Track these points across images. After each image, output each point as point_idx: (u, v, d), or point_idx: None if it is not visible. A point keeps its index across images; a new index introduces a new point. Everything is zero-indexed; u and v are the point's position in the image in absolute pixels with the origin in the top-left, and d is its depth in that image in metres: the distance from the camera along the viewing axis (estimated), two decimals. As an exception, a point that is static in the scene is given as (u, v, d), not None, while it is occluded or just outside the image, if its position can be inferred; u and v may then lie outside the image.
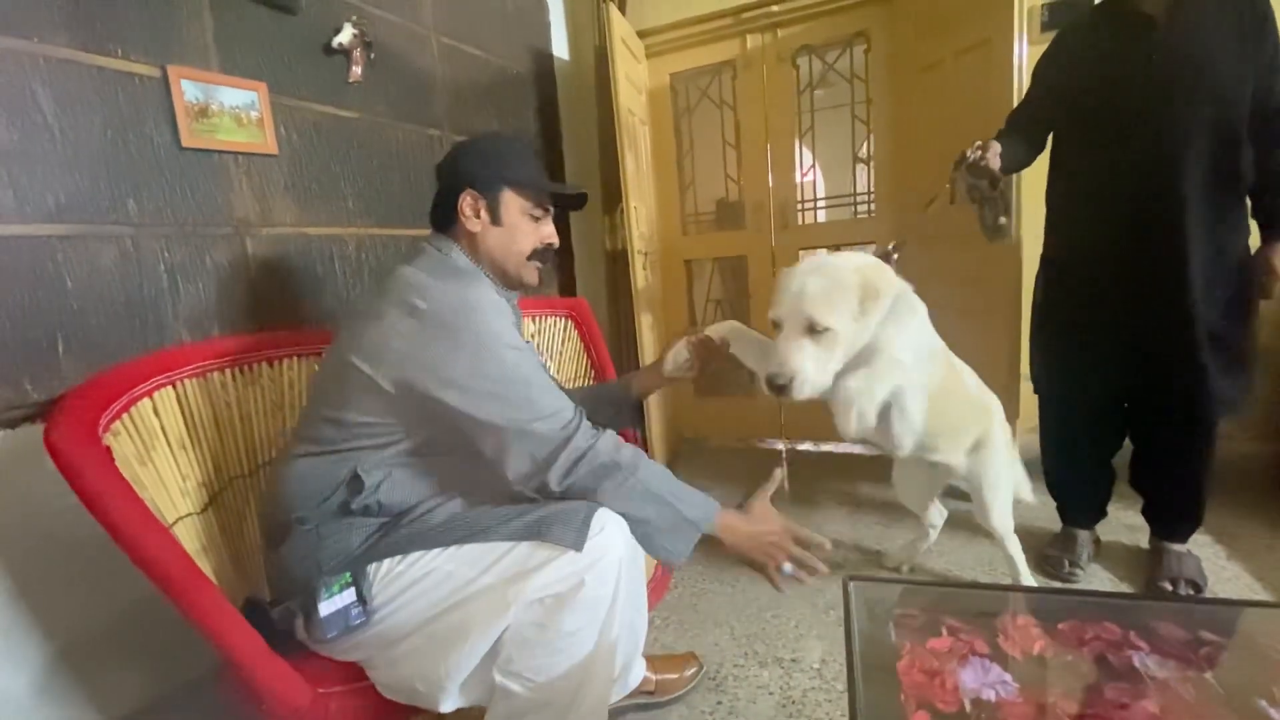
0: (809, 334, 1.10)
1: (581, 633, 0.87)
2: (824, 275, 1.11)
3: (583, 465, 0.93)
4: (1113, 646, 0.61)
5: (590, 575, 0.86)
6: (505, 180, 1.09)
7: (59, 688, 1.19)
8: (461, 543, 0.91)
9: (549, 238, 1.15)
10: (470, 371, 0.93)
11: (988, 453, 1.43)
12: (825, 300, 1.09)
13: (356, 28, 1.73)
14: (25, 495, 1.13)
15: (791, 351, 1.10)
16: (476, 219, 1.09)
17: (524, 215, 1.11)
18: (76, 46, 1.22)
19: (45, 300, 1.18)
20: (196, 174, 1.41)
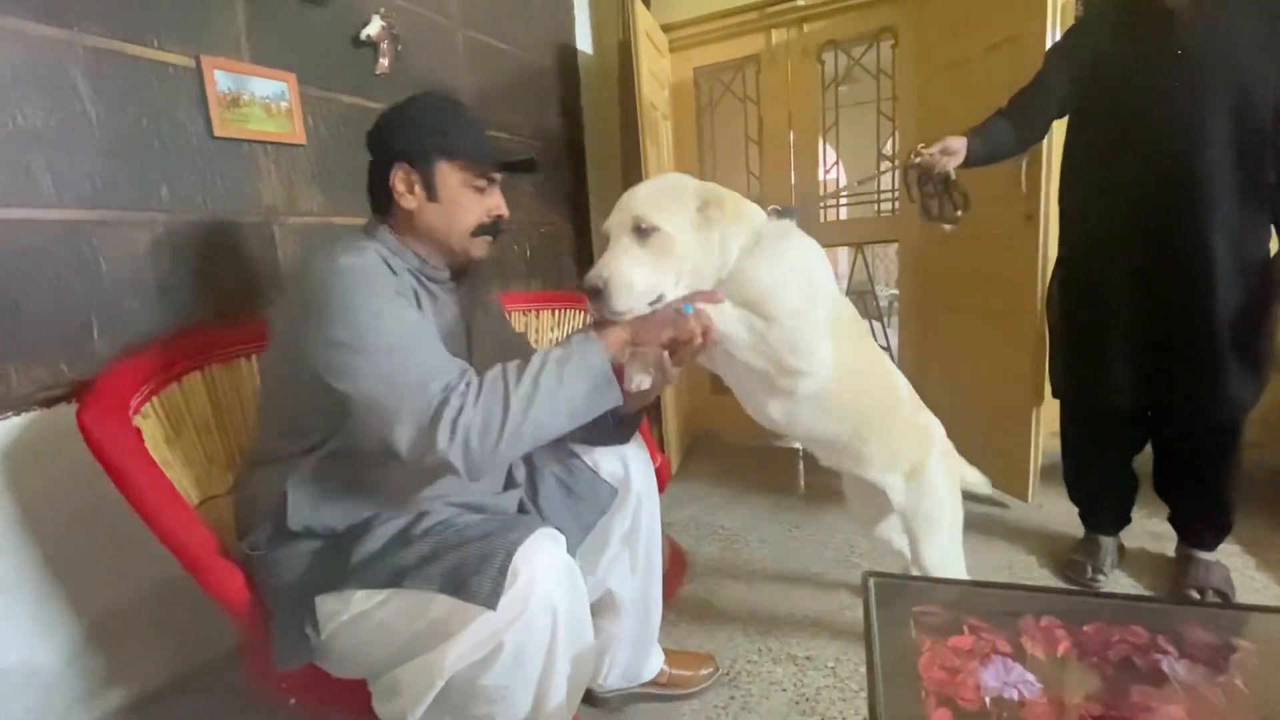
0: (635, 235, 0.94)
1: (512, 688, 0.82)
2: (659, 181, 1.03)
3: (464, 419, 0.81)
4: (1139, 650, 0.60)
5: (509, 634, 0.79)
6: (441, 150, 0.99)
7: (88, 661, 1.22)
8: (388, 585, 0.84)
9: (495, 210, 1.04)
10: (338, 340, 0.83)
11: (924, 483, 1.23)
12: (654, 199, 0.97)
13: (384, 20, 1.75)
14: (60, 474, 1.16)
15: (613, 253, 0.94)
16: (411, 195, 0.99)
17: (464, 187, 1.00)
18: (115, 36, 1.25)
19: (81, 284, 1.21)
20: (227, 162, 1.43)
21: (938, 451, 1.26)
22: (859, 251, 3.10)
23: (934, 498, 1.23)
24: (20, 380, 1.14)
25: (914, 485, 1.23)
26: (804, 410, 1.10)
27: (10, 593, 1.13)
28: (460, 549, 0.82)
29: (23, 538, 1.14)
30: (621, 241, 0.94)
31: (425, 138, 0.99)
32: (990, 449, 2.20)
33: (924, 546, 1.24)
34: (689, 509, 2.26)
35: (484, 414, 0.81)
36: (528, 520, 0.92)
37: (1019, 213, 1.93)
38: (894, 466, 1.22)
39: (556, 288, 2.60)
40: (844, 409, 1.13)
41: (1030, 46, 1.85)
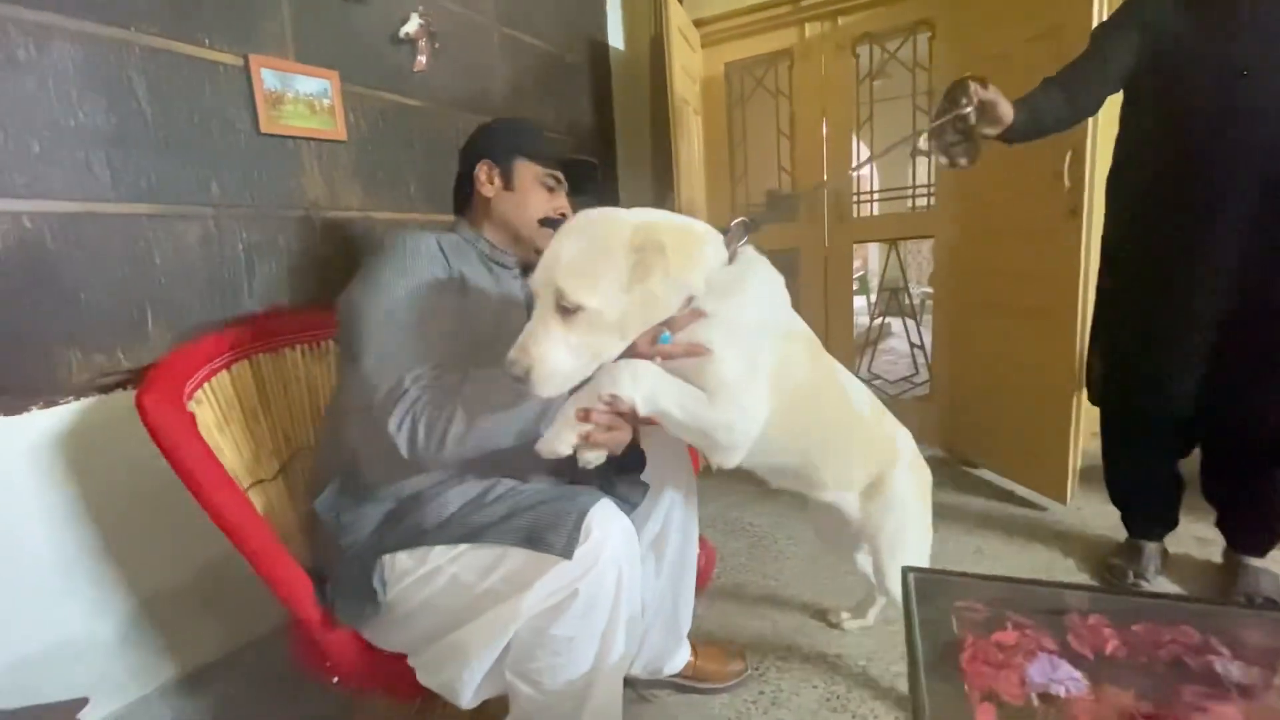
0: (560, 312, 0.81)
1: (579, 639, 0.87)
2: (584, 235, 0.84)
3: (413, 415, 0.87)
4: (1191, 650, 0.59)
5: (584, 583, 0.84)
6: (518, 150, 1.15)
7: (141, 637, 1.27)
8: (464, 541, 0.90)
9: (562, 208, 1.18)
10: (360, 305, 0.95)
11: (886, 499, 1.13)
12: (578, 268, 0.81)
13: (423, 18, 1.78)
14: (116, 456, 1.21)
15: (536, 334, 0.81)
16: (490, 185, 1.15)
17: (536, 183, 1.15)
18: (169, 36, 1.29)
19: (136, 275, 1.25)
20: (272, 158, 1.47)
21: (904, 464, 1.16)
22: (892, 247, 3.06)
23: (899, 515, 1.13)
24: (80, 367, 1.19)
25: (875, 502, 1.14)
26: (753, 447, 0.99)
27: (71, 569, 1.18)
28: (535, 508, 0.91)
29: (82, 518, 1.20)
30: (544, 315, 0.82)
31: (506, 140, 1.17)
32: (1027, 450, 2.16)
33: (887, 570, 1.15)
34: (716, 504, 2.26)
35: (430, 416, 0.88)
36: (592, 490, 0.98)
37: (1061, 207, 1.88)
38: (848, 485, 1.14)
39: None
40: (790, 442, 1.03)
41: (1074, 37, 1.80)
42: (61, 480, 1.17)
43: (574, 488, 1.03)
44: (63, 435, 1.17)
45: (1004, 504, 2.14)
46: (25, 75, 1.11)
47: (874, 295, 4.33)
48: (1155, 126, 1.45)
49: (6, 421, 1.10)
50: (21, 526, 1.13)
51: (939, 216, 2.64)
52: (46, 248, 1.14)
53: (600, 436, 0.87)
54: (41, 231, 1.13)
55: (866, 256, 7.11)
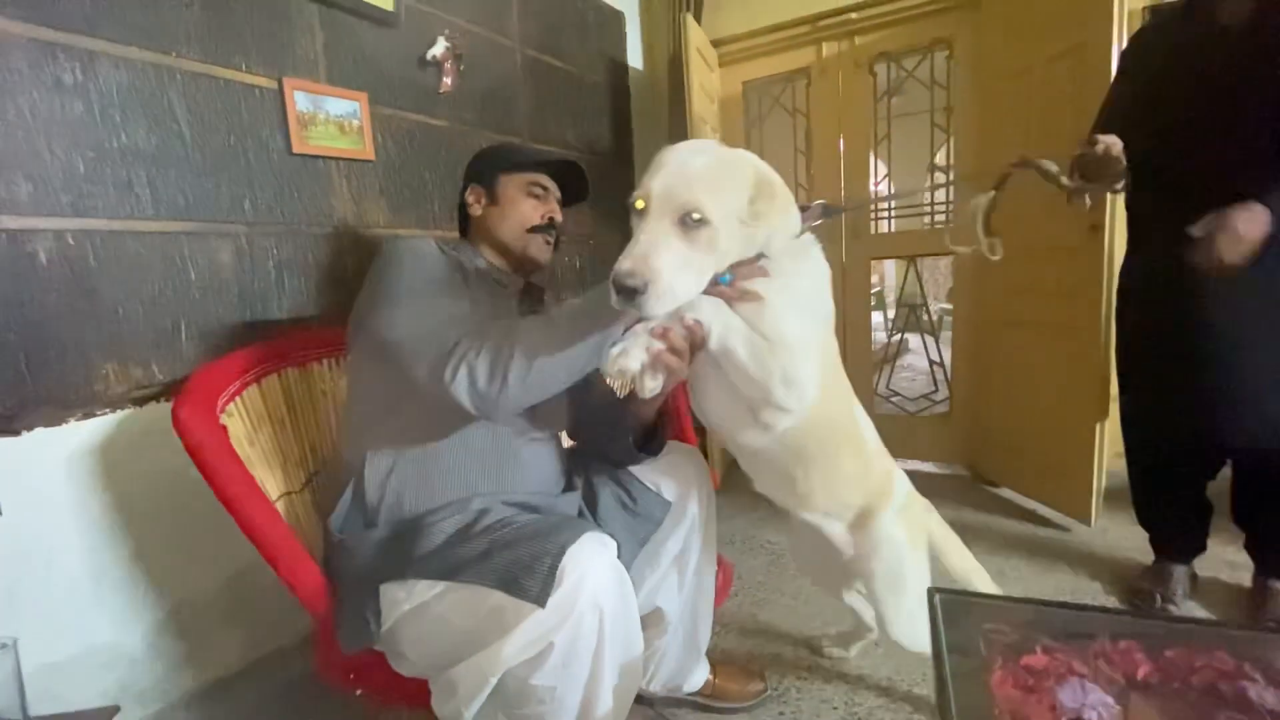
0: (680, 225, 0.80)
1: (561, 689, 0.84)
2: (711, 155, 0.85)
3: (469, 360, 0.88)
4: (1225, 676, 0.58)
5: (559, 634, 0.81)
6: (499, 167, 1.18)
7: (167, 645, 1.30)
8: (446, 578, 0.89)
9: (551, 213, 1.19)
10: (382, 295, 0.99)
11: (879, 535, 1.09)
12: (712, 182, 0.81)
13: (449, 41, 1.83)
14: (149, 467, 1.24)
15: (655, 245, 0.78)
16: (478, 205, 1.18)
17: (521, 192, 1.16)
18: (208, 60, 1.34)
19: (172, 290, 1.29)
20: (303, 178, 1.51)
21: (895, 507, 1.11)
22: (910, 264, 3.05)
23: (889, 556, 1.09)
24: (117, 379, 1.22)
25: (863, 538, 1.10)
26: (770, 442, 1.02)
27: (102, 577, 1.21)
28: (514, 547, 0.86)
29: (114, 527, 1.23)
30: (662, 227, 0.80)
31: (488, 161, 1.21)
32: (1051, 470, 2.13)
33: (887, 610, 1.11)
34: (734, 522, 2.25)
35: (490, 357, 0.87)
36: (580, 523, 0.95)
37: (1083, 223, 1.87)
38: (836, 512, 1.11)
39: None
40: (803, 444, 1.03)
41: (1096, 55, 1.81)
42: (96, 490, 1.20)
43: (563, 519, 1.01)
44: (99, 446, 1.20)
45: (1027, 524, 2.11)
46: (73, 99, 1.16)
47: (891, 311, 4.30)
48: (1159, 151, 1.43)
49: (47, 433, 1.13)
50: (57, 535, 1.16)
51: (957, 233, 2.63)
52: (89, 264, 1.18)
53: (669, 359, 0.86)
54: (84, 248, 1.17)
55: (884, 272, 7.08)
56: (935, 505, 1.22)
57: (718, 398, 1.01)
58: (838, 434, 1.08)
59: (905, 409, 3.02)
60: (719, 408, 1.03)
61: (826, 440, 1.06)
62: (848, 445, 1.09)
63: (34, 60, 1.11)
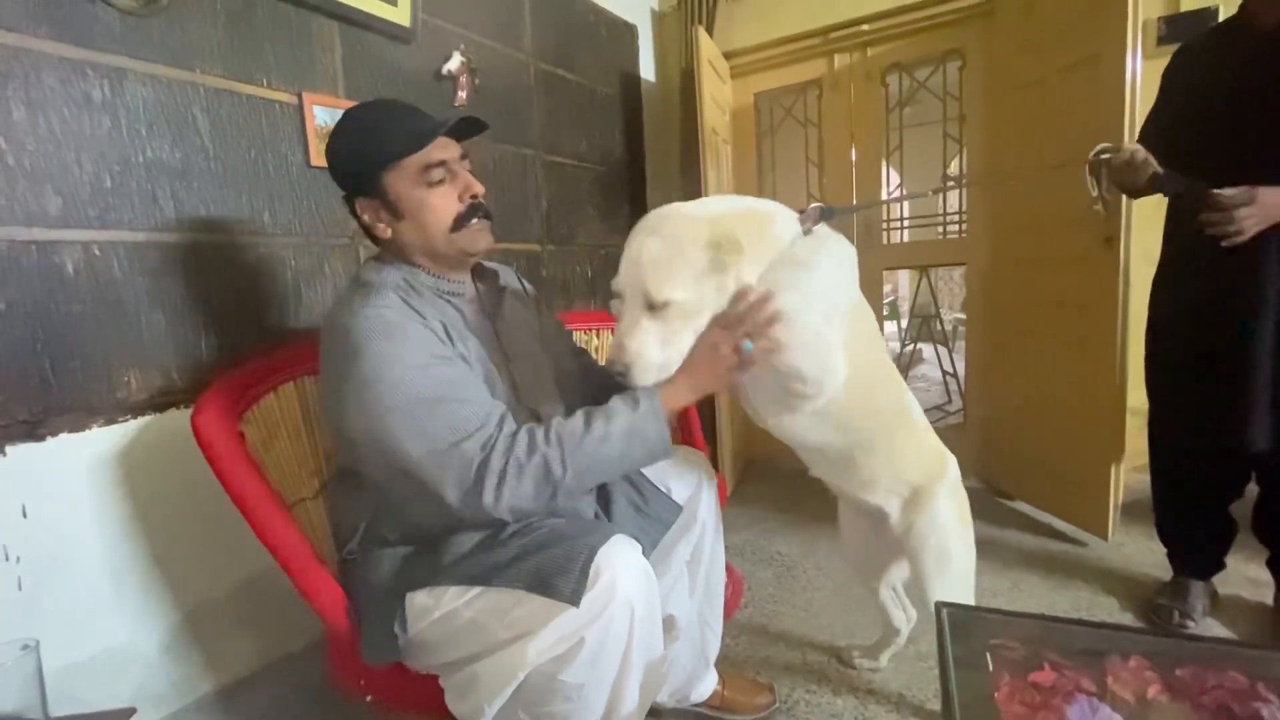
0: (649, 309, 0.90)
1: (589, 685, 0.84)
2: (662, 235, 0.91)
3: (510, 483, 0.84)
4: (1237, 696, 0.57)
5: (590, 631, 0.81)
6: (376, 165, 0.94)
7: (182, 649, 1.32)
8: (477, 583, 0.88)
9: (468, 190, 0.99)
10: (371, 403, 0.84)
11: (931, 514, 1.12)
12: (662, 267, 0.89)
13: (464, 56, 1.86)
14: (167, 472, 1.27)
15: (630, 332, 0.91)
16: (381, 224, 0.97)
17: (417, 187, 0.95)
18: (230, 76, 1.38)
19: (194, 300, 1.32)
20: (320, 190, 1.55)
21: (949, 484, 1.16)
22: (923, 275, 3.03)
23: (942, 532, 1.12)
24: (138, 386, 1.25)
25: (920, 516, 1.12)
26: (803, 420, 1.07)
27: (121, 581, 1.24)
28: (545, 550, 0.86)
29: (134, 531, 1.25)
30: (634, 314, 0.91)
31: (358, 162, 0.96)
32: (1067, 483, 2.10)
33: (933, 586, 1.13)
34: (744, 533, 2.24)
35: (538, 477, 0.85)
36: (606, 525, 0.96)
37: (1097, 236, 1.86)
38: (896, 489, 1.14)
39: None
40: (848, 422, 1.07)
41: (1110, 67, 1.80)
42: (117, 495, 1.23)
43: (589, 521, 1.01)
44: (120, 452, 1.23)
45: (1042, 538, 2.08)
46: (101, 114, 1.20)
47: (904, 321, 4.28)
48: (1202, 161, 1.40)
49: (71, 438, 1.16)
50: (79, 538, 1.19)
51: (971, 244, 2.62)
52: (113, 274, 1.21)
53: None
54: (109, 259, 1.21)
55: (897, 282, 7.05)
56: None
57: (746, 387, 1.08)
58: (894, 417, 1.13)
59: (918, 420, 3.00)
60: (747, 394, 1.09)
61: (885, 425, 1.12)
62: (903, 426, 1.14)
63: (65, 78, 1.15)
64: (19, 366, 1.10)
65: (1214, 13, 1.99)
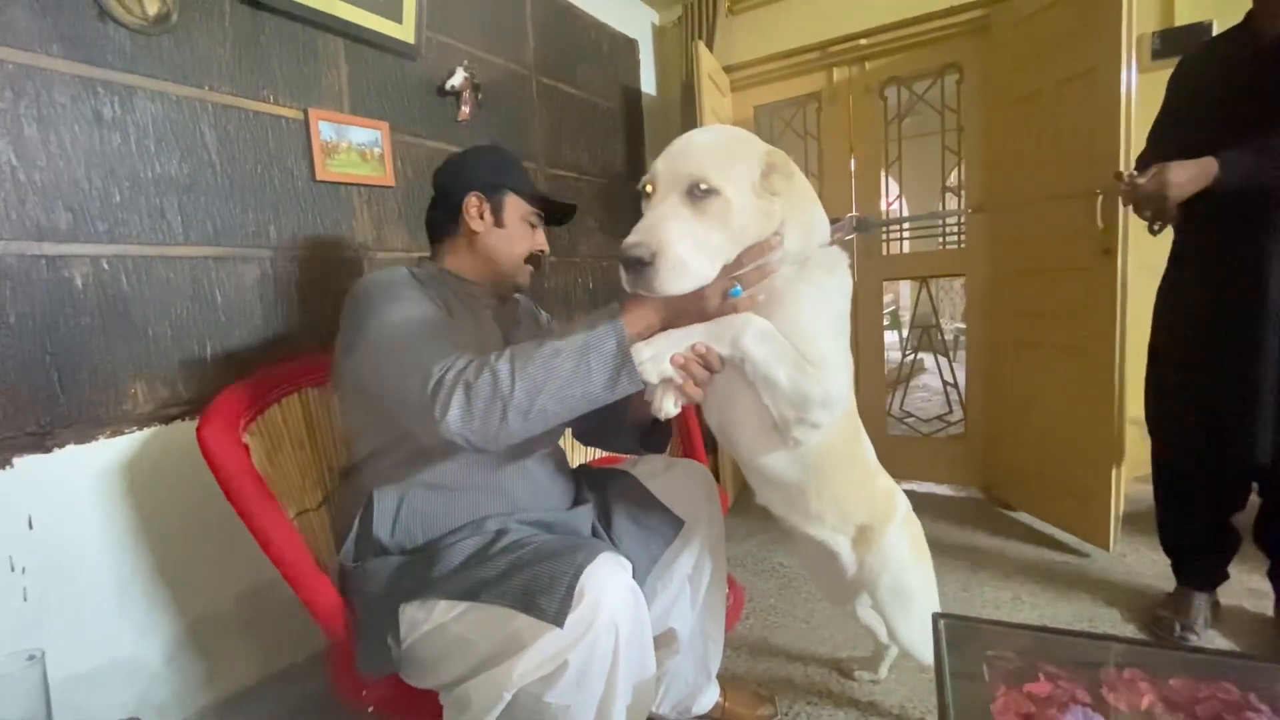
0: (689, 197, 0.78)
1: (574, 708, 0.83)
2: (720, 131, 0.86)
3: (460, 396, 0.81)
4: (1230, 707, 0.57)
5: (574, 653, 0.80)
6: (509, 186, 1.15)
7: (186, 659, 1.32)
8: (465, 598, 0.89)
9: (542, 244, 1.21)
10: (360, 341, 0.95)
11: (882, 552, 1.08)
12: (717, 153, 0.80)
13: (467, 71, 1.89)
14: (171, 483, 1.28)
15: (664, 216, 0.76)
16: (481, 220, 1.14)
17: (522, 220, 1.17)
18: (237, 93, 1.40)
19: (199, 313, 1.34)
20: (326, 204, 1.57)
21: (898, 522, 1.12)
22: (924, 285, 3.05)
23: (896, 568, 1.09)
24: (145, 398, 1.26)
25: (871, 554, 1.09)
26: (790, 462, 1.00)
27: (124, 591, 1.24)
28: (532, 567, 0.86)
29: (138, 542, 1.26)
30: (670, 201, 0.77)
31: (498, 174, 1.16)
32: (1068, 493, 2.11)
33: (896, 624, 1.12)
34: (746, 544, 2.24)
35: (487, 390, 0.81)
36: (596, 543, 0.95)
37: (1095, 247, 1.87)
38: (841, 528, 1.10)
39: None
40: (820, 462, 1.02)
41: (1105, 80, 1.83)
42: (122, 505, 1.24)
43: (580, 539, 1.01)
44: (126, 463, 1.24)
45: (1043, 549, 2.08)
46: (111, 131, 1.22)
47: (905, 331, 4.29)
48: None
49: (77, 450, 1.17)
50: (85, 549, 1.19)
51: (970, 255, 2.63)
52: (121, 288, 1.23)
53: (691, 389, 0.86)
54: (118, 273, 1.22)
55: (898, 292, 7.06)
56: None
57: (743, 420, 0.99)
58: (848, 451, 1.08)
59: (919, 430, 3.00)
60: (743, 431, 1.00)
61: (840, 458, 1.06)
62: (855, 463, 1.10)
63: (76, 95, 1.17)
64: (27, 378, 1.12)
65: (1208, 27, 2.02)
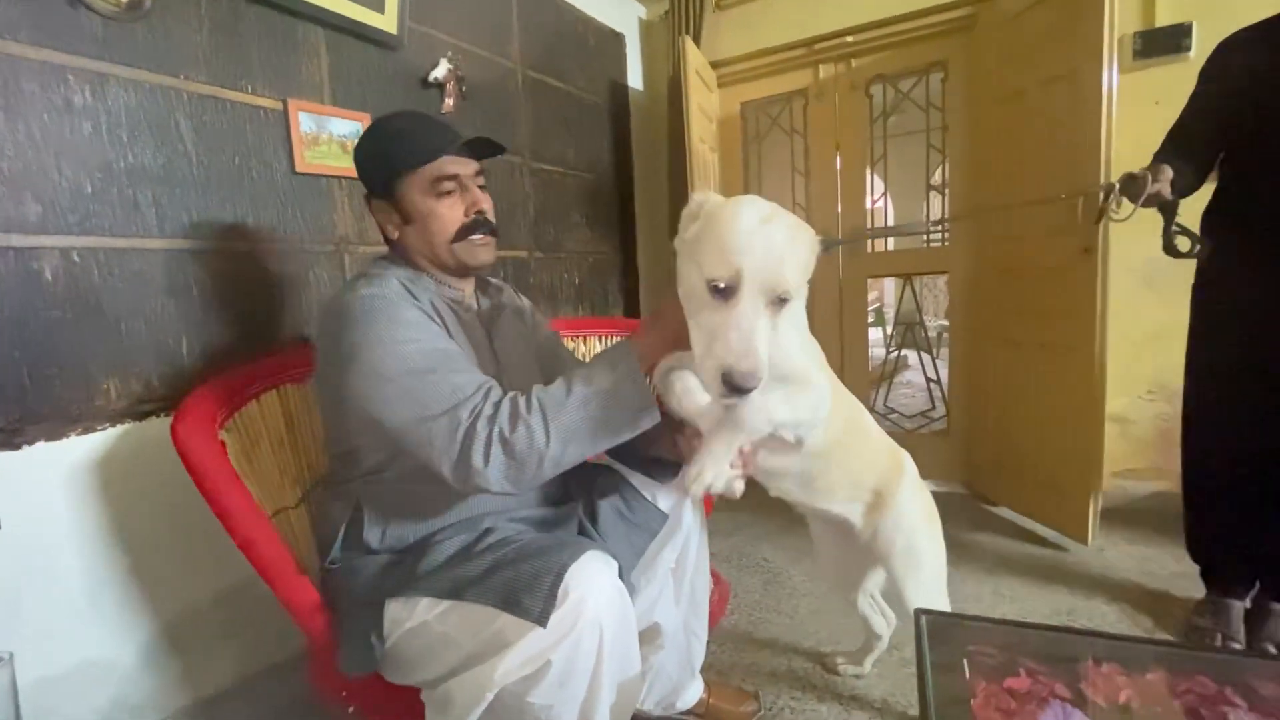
0: (771, 306, 0.79)
1: (557, 709, 0.82)
2: (784, 224, 0.81)
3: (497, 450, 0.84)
4: (1206, 701, 0.58)
5: (557, 653, 0.79)
6: (391, 171, 1.00)
7: (161, 660, 1.30)
8: (448, 596, 0.87)
9: (475, 206, 1.03)
10: (367, 370, 0.88)
11: (895, 514, 1.12)
12: (790, 258, 0.79)
13: (451, 63, 1.86)
14: (147, 481, 1.25)
15: (758, 334, 0.76)
16: (392, 225, 1.03)
17: (427, 196, 1.00)
18: (215, 83, 1.37)
19: (175, 307, 1.31)
20: (305, 196, 1.54)
21: (910, 482, 1.15)
22: (907, 282, 3.07)
23: (909, 531, 1.13)
24: (118, 394, 1.24)
25: (884, 518, 1.12)
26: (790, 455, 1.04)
27: (98, 592, 1.22)
28: (515, 565, 0.85)
29: (112, 541, 1.23)
30: (758, 311, 0.77)
31: (377, 166, 1.02)
32: (1048, 489, 2.13)
33: (906, 586, 1.14)
34: (731, 539, 2.25)
35: (523, 445, 0.83)
36: (581, 541, 0.94)
37: (1075, 245, 1.89)
38: (856, 496, 1.13)
39: (604, 313, 2.67)
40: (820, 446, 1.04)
41: (1088, 80, 1.84)
42: (95, 504, 1.21)
43: (566, 536, 1.01)
44: (99, 460, 1.21)
45: (1024, 544, 2.11)
46: (82, 119, 1.19)
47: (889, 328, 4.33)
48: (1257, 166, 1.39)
49: (48, 447, 1.14)
50: (56, 549, 1.17)
51: (953, 253, 2.65)
52: (93, 281, 1.20)
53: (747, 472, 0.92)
54: (89, 265, 1.19)
55: (882, 289, 7.11)
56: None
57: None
58: (849, 426, 1.11)
59: (903, 426, 3.03)
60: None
61: (843, 435, 1.09)
62: (857, 432, 1.13)
63: (45, 82, 1.14)
64: (-5, 374, 1.09)
65: (1187, 28, 2.04)
